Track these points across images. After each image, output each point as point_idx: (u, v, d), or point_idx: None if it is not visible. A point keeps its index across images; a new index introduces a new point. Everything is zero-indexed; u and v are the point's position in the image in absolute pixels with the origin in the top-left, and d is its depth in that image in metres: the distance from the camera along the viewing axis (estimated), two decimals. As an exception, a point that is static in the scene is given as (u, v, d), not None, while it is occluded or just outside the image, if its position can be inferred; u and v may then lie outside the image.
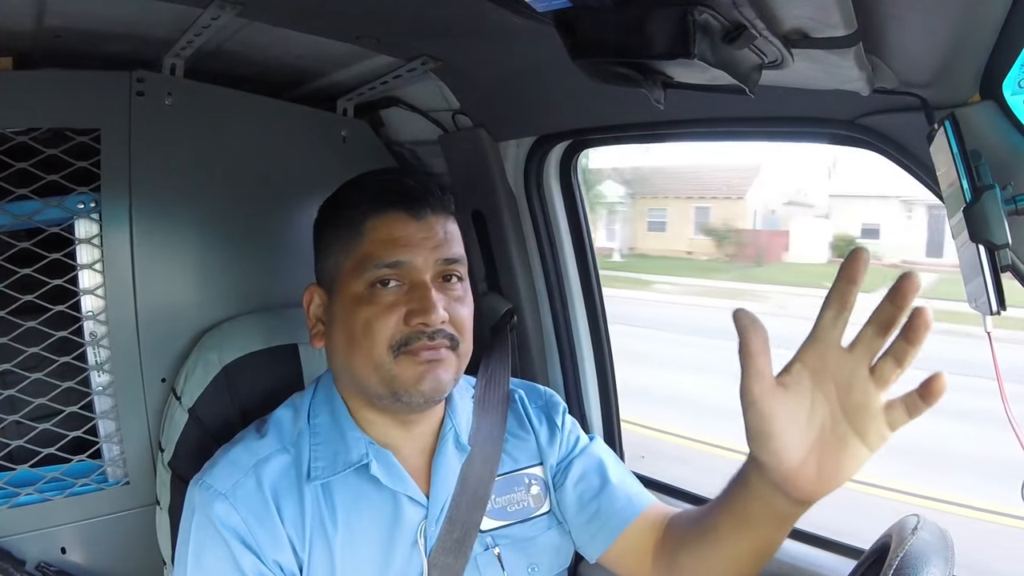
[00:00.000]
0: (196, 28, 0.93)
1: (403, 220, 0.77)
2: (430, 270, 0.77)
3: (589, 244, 1.30)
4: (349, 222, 0.78)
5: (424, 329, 0.74)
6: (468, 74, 1.12)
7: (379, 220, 0.77)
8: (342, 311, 0.77)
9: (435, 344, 0.75)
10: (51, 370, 0.99)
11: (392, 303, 0.75)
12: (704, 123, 1.02)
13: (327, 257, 0.80)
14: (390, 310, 0.75)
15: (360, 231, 0.77)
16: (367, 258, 0.76)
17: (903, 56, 0.66)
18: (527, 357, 1.29)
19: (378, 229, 0.76)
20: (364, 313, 0.75)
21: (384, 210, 0.77)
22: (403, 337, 0.74)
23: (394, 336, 0.74)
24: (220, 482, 0.75)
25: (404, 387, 0.75)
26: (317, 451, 0.78)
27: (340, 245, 0.78)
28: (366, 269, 0.76)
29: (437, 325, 0.75)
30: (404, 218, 0.77)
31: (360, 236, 0.77)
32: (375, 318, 0.74)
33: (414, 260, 0.76)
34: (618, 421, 1.32)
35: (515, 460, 0.88)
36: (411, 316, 0.74)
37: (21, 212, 0.98)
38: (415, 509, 0.80)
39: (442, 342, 0.75)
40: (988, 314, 0.64)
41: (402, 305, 0.75)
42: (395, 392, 0.75)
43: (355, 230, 0.77)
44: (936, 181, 0.70)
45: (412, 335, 0.74)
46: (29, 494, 0.99)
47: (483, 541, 0.82)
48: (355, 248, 0.77)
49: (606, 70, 0.62)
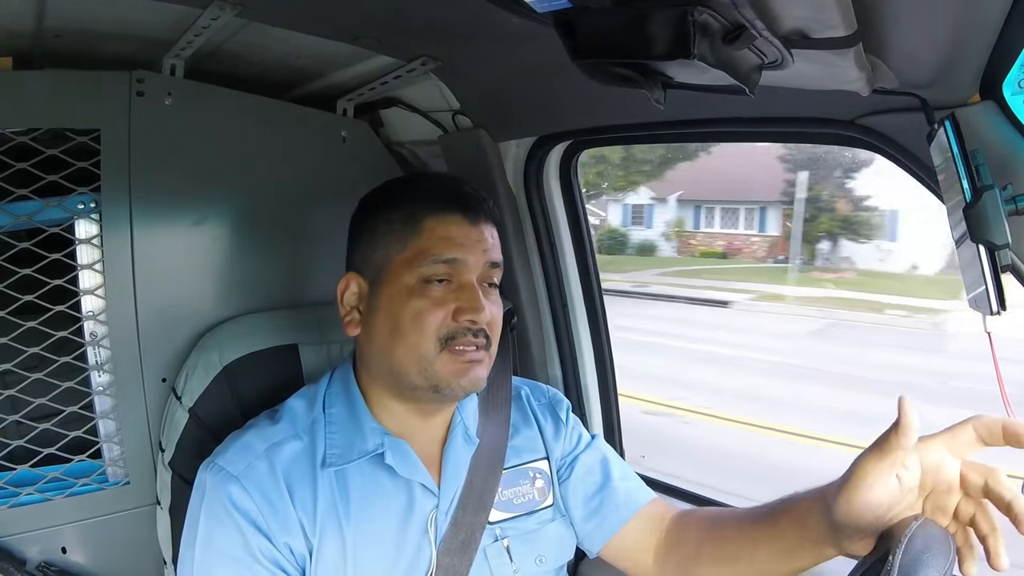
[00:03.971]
0: (196, 28, 0.93)
1: (460, 222, 0.80)
2: (478, 271, 0.80)
3: (589, 244, 1.30)
4: (406, 217, 0.81)
5: (471, 326, 0.78)
6: (468, 74, 1.12)
7: (438, 219, 0.80)
8: (389, 301, 0.79)
9: (476, 341, 0.78)
10: (51, 370, 0.99)
11: (442, 299, 0.78)
12: (704, 123, 1.02)
13: (375, 249, 0.82)
14: (440, 305, 0.78)
15: (418, 227, 0.80)
16: (424, 253, 0.79)
17: (903, 56, 0.66)
18: (527, 357, 1.29)
19: (437, 228, 0.80)
20: (415, 304, 0.78)
21: (444, 210, 0.80)
22: (450, 331, 0.77)
23: (441, 329, 0.77)
24: (233, 465, 0.76)
25: (445, 381, 0.78)
26: (332, 439, 0.80)
27: (393, 238, 0.81)
28: (422, 263, 0.78)
29: (483, 324, 0.78)
30: (461, 220, 0.80)
31: (417, 232, 0.80)
32: (426, 310, 0.77)
33: (467, 259, 0.79)
34: (618, 420, 1.32)
35: (520, 454, 0.90)
36: (460, 313, 0.77)
37: (21, 212, 0.98)
38: (427, 498, 0.81)
39: (481, 340, 0.79)
40: (988, 314, 0.64)
41: (451, 302, 0.78)
42: (435, 385, 0.78)
43: (412, 226, 0.80)
44: (936, 181, 0.70)
45: (459, 330, 0.78)
46: (30, 494, 0.99)
47: (491, 533, 0.84)
48: (411, 243, 0.80)
49: (606, 70, 0.62)
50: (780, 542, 0.74)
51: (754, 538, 0.77)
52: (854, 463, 0.63)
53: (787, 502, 0.75)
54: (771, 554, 0.75)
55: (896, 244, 14.61)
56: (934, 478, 0.61)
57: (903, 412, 0.59)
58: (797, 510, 0.72)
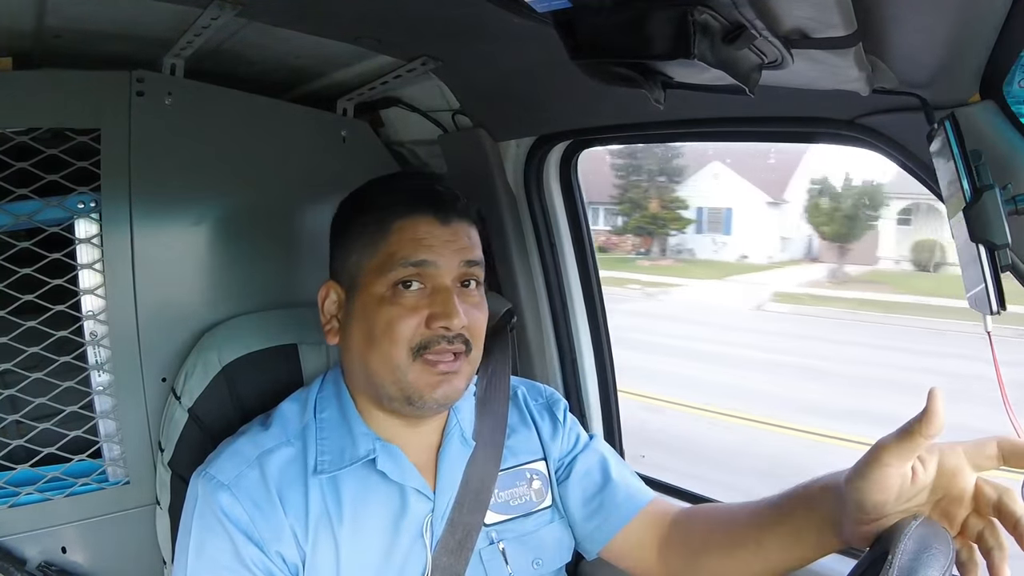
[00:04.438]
0: (196, 28, 0.93)
1: (430, 222, 0.78)
2: (452, 273, 0.77)
3: (589, 244, 1.30)
4: (376, 221, 0.78)
5: (445, 333, 0.75)
6: (468, 74, 1.12)
7: (407, 221, 0.77)
8: (362, 309, 0.78)
9: (452, 348, 0.76)
10: (51, 370, 0.99)
11: (414, 305, 0.76)
12: (704, 123, 1.02)
13: (349, 254, 0.80)
14: (412, 312, 0.75)
15: (387, 231, 0.77)
16: (392, 257, 0.76)
17: (903, 56, 0.66)
18: (527, 357, 1.29)
19: (405, 229, 0.77)
20: (386, 313, 0.75)
21: (413, 212, 0.78)
22: (423, 340, 0.75)
23: (414, 338, 0.75)
24: (223, 473, 0.75)
25: (418, 393, 0.76)
26: (324, 445, 0.79)
27: (364, 243, 0.79)
28: (391, 268, 0.76)
29: (458, 330, 0.75)
30: (431, 220, 0.78)
31: (386, 236, 0.77)
32: (397, 319, 0.75)
33: (438, 261, 0.77)
34: (618, 420, 1.32)
35: (517, 455, 0.89)
36: (433, 320, 0.75)
37: (21, 212, 0.98)
38: (422, 502, 0.80)
39: (459, 347, 0.76)
40: (988, 314, 0.64)
41: (424, 308, 0.76)
42: (408, 397, 0.76)
43: (382, 230, 0.78)
44: (936, 181, 0.70)
45: (432, 338, 0.75)
46: (29, 494, 0.99)
47: (487, 536, 0.83)
48: (380, 247, 0.77)
49: (606, 70, 0.62)
50: (787, 525, 0.73)
51: (761, 524, 0.76)
52: (875, 444, 0.62)
53: (801, 487, 0.74)
54: (777, 539, 0.74)
55: (729, 237, 17.97)
56: (949, 482, 0.60)
57: (932, 402, 0.58)
58: (809, 491, 0.72)
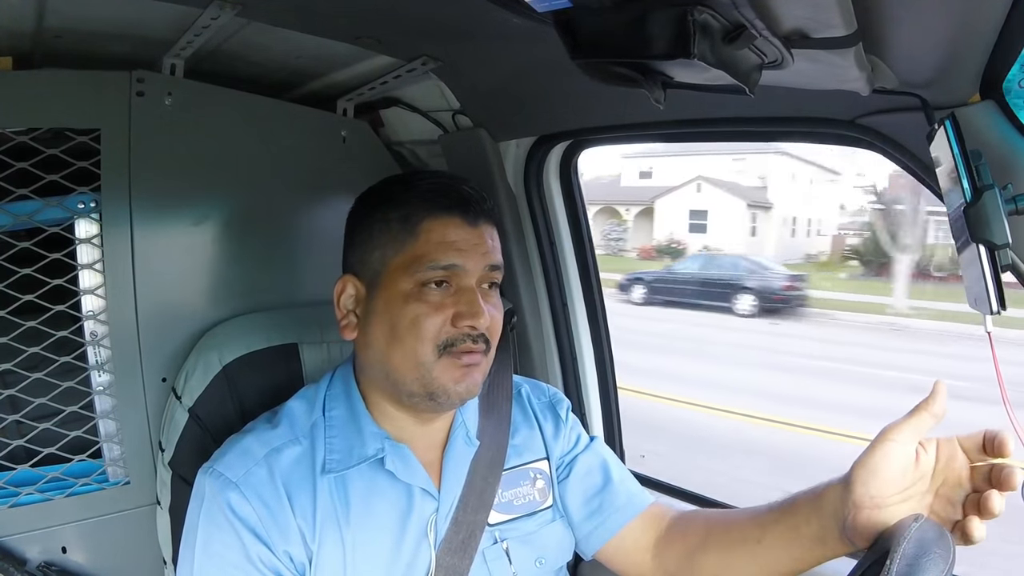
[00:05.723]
0: (196, 28, 0.93)
1: (459, 224, 0.78)
2: (477, 275, 0.78)
3: (589, 244, 1.31)
4: (402, 218, 0.78)
5: (471, 332, 0.76)
6: (468, 74, 1.12)
7: (436, 222, 0.77)
8: (385, 305, 0.77)
9: (476, 347, 0.77)
10: (51, 370, 0.99)
11: (440, 303, 0.76)
12: (704, 123, 1.02)
13: (371, 250, 0.79)
14: (438, 310, 0.76)
15: (415, 230, 0.77)
16: (421, 258, 0.76)
17: (903, 56, 0.66)
18: (527, 357, 1.29)
19: (434, 231, 0.77)
20: (413, 310, 0.75)
21: (441, 213, 0.77)
22: (449, 338, 0.76)
23: (440, 336, 0.75)
24: (232, 471, 0.75)
25: (442, 388, 0.76)
26: (332, 444, 0.79)
27: (389, 239, 0.78)
28: (419, 268, 0.76)
29: (483, 329, 0.76)
30: (460, 223, 0.78)
31: (415, 235, 0.77)
32: (424, 316, 0.75)
33: (466, 264, 0.77)
34: (618, 420, 1.32)
35: (521, 454, 0.89)
36: (459, 318, 0.75)
37: (21, 212, 0.98)
38: (427, 501, 0.81)
39: (481, 346, 0.77)
40: (988, 314, 0.64)
41: (450, 307, 0.76)
42: (431, 392, 0.76)
43: (409, 228, 0.77)
44: (936, 181, 0.70)
45: (458, 336, 0.76)
46: (30, 494, 0.99)
47: (491, 535, 0.83)
48: (408, 246, 0.77)
49: (606, 70, 0.62)
50: (789, 520, 0.73)
51: (763, 522, 0.76)
52: (884, 428, 0.67)
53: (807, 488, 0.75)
54: (778, 535, 0.74)
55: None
56: (946, 466, 0.65)
57: (937, 389, 0.65)
58: (814, 488, 0.73)
